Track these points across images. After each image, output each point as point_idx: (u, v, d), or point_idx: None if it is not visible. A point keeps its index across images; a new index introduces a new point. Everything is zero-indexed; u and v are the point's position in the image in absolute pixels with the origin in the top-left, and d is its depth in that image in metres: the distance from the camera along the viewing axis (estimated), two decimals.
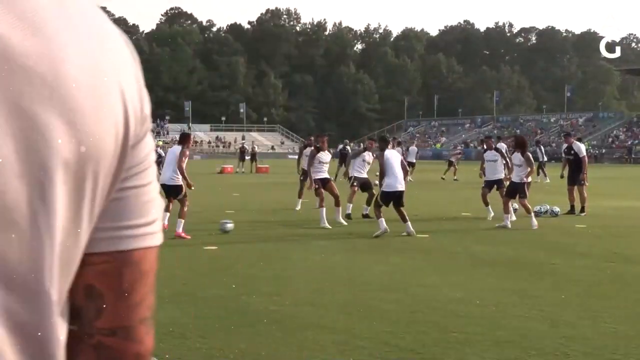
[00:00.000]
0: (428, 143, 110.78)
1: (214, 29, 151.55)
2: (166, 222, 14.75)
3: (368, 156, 18.79)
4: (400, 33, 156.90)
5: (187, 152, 15.10)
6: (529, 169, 16.18)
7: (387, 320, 7.38)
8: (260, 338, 6.68)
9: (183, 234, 14.34)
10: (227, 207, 20.92)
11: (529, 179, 16.79)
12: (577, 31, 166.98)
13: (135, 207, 1.02)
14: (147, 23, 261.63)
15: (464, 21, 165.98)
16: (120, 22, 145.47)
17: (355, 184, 18.41)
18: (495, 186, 17.88)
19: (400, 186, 14.41)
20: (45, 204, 0.87)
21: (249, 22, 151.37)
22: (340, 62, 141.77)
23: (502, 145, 31.24)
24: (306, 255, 11.84)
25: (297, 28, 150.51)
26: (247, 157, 49.97)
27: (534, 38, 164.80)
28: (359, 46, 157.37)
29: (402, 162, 14.78)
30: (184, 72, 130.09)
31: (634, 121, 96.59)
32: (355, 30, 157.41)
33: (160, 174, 15.66)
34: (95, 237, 0.98)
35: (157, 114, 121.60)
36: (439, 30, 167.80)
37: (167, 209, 14.96)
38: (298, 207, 20.03)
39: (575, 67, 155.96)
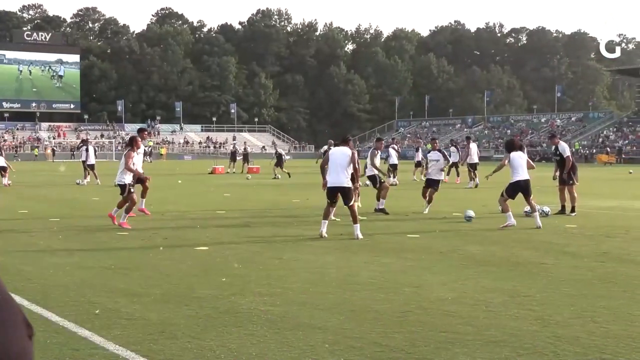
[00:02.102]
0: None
1: (205, 29, 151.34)
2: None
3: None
4: (391, 33, 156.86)
5: (132, 154, 16.95)
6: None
7: (378, 320, 7.38)
8: (251, 338, 6.68)
9: (121, 222, 15.87)
10: (218, 208, 20.91)
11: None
12: (567, 31, 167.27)
13: None
14: (138, 23, 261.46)
15: (455, 21, 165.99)
16: (111, 23, 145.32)
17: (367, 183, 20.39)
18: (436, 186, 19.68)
19: (339, 182, 14.17)
20: None
21: (240, 23, 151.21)
22: (331, 62, 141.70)
23: (473, 146, 32.91)
24: (297, 255, 11.83)
25: (288, 28, 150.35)
26: (239, 158, 49.94)
27: (524, 38, 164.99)
28: (349, 46, 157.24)
29: (352, 158, 14.42)
30: (175, 73, 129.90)
31: (624, 121, 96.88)
32: (346, 31, 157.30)
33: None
34: None
35: (148, 115, 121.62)
36: (430, 30, 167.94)
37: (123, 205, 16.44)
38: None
39: (565, 67, 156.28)
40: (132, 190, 16.57)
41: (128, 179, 16.65)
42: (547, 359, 6.13)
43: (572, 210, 18.83)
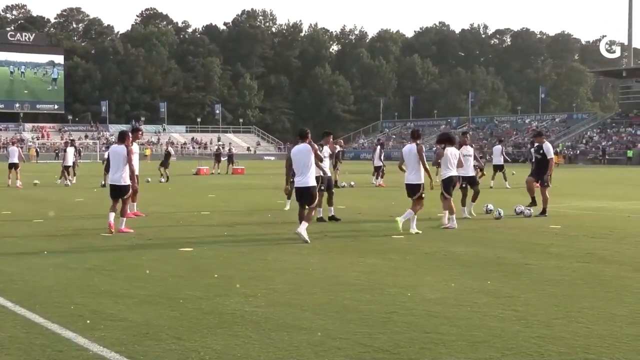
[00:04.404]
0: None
1: (190, 29, 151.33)
2: (112, 220, 14.99)
3: (326, 151, 18.51)
4: (375, 34, 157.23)
5: (132, 149, 15.62)
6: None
7: (363, 320, 7.38)
8: (235, 339, 6.67)
9: (125, 229, 14.97)
10: (203, 209, 20.87)
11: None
12: (552, 33, 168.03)
13: None
14: (122, 24, 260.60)
15: (439, 22, 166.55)
16: (95, 23, 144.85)
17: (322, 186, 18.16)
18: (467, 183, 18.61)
19: (305, 182, 13.99)
20: None
21: (225, 23, 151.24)
22: (315, 63, 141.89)
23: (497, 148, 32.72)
24: (282, 256, 11.82)
25: (273, 29, 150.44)
26: (224, 159, 49.95)
27: (508, 39, 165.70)
28: (334, 47, 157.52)
29: (315, 154, 14.19)
30: (159, 73, 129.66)
31: (607, 122, 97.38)
32: (331, 32, 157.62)
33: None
34: None
35: (132, 115, 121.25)
36: (415, 31, 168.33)
37: (113, 209, 15.34)
38: (287, 207, 19.93)
39: (549, 68, 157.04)
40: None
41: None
42: (531, 359, 6.14)
43: (543, 211, 18.62)
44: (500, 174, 32.17)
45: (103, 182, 31.48)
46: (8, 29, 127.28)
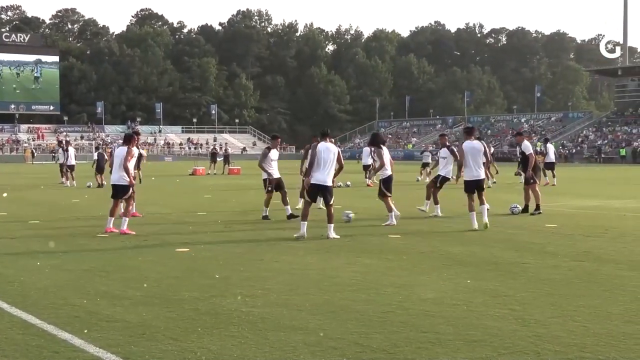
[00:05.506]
0: (400, 144, 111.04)
1: (185, 30, 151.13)
2: (111, 226, 15.11)
3: (274, 154, 18.62)
4: (371, 34, 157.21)
5: (132, 152, 15.74)
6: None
7: (359, 320, 7.38)
8: (231, 340, 6.67)
9: (127, 230, 14.94)
10: (199, 209, 20.86)
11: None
12: (547, 32, 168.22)
13: None
14: (118, 24, 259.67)
15: (435, 22, 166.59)
16: (90, 24, 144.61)
17: (270, 188, 18.39)
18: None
19: (324, 180, 14.35)
20: None
21: (220, 24, 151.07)
22: (311, 63, 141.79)
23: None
24: (278, 256, 11.82)
25: (269, 29, 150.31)
26: (220, 159, 49.92)
27: (504, 39, 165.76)
28: (330, 47, 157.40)
29: (337, 155, 14.56)
30: (155, 74, 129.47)
31: (603, 121, 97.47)
32: (327, 32, 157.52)
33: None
34: None
35: (128, 116, 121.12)
36: (410, 31, 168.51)
37: (113, 213, 15.45)
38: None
39: (544, 67, 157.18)
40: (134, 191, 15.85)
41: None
42: (527, 358, 6.15)
43: (537, 208, 18.73)
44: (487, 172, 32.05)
45: (90, 183, 31.51)
46: (3, 29, 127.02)
